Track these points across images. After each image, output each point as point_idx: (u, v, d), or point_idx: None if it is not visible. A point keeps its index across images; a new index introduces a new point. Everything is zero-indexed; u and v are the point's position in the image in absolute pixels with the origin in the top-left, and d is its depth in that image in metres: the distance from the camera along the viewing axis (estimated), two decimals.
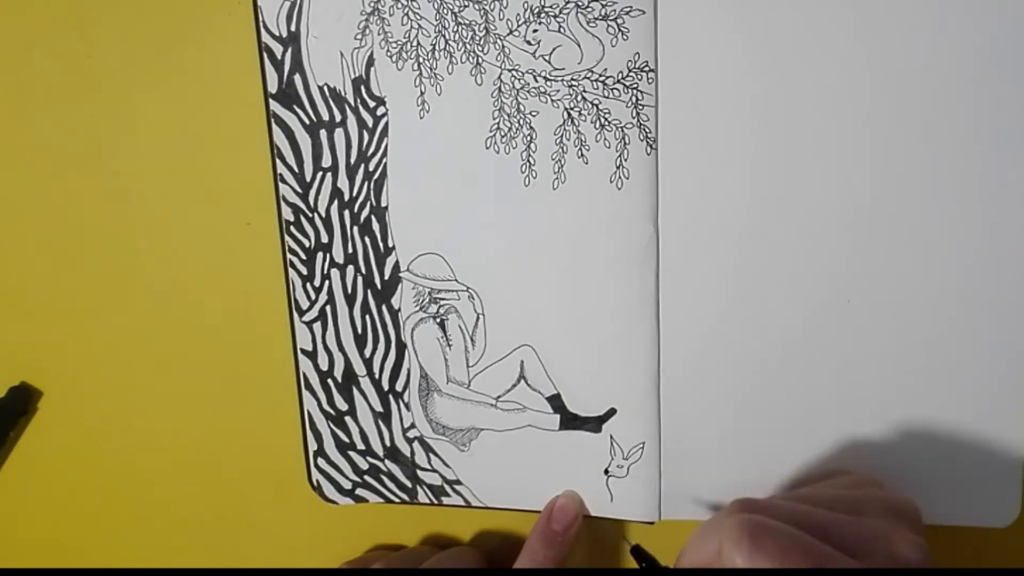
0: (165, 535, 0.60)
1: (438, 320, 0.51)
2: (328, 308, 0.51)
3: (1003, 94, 0.43)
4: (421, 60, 0.47)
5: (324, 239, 0.50)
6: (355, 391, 0.53)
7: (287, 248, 0.51)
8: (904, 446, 0.48)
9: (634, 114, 0.46)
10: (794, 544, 0.39)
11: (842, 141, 0.44)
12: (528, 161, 0.47)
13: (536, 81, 0.46)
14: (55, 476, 0.59)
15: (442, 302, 0.50)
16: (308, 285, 0.51)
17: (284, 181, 0.50)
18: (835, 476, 0.48)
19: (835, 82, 0.44)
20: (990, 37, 0.42)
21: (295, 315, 0.52)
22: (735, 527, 0.40)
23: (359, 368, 0.52)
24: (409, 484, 0.54)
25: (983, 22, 0.42)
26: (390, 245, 0.50)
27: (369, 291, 0.51)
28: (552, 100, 0.46)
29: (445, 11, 0.46)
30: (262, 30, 0.47)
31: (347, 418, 0.53)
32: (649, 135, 0.46)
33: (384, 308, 0.51)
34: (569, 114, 0.46)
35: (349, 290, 0.51)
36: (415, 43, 0.46)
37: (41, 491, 0.60)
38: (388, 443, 0.53)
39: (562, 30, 0.45)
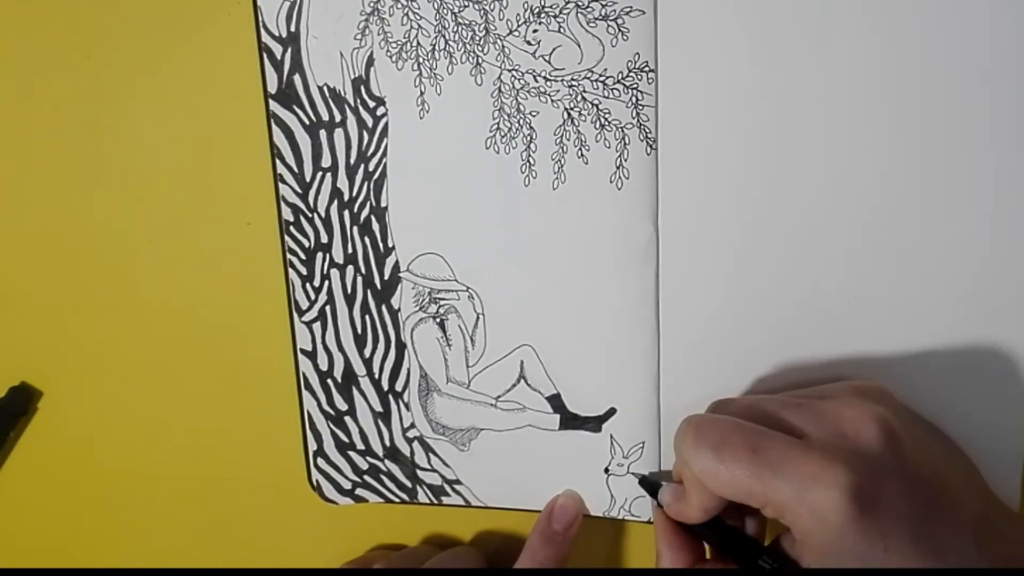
0: (165, 535, 0.60)
1: (438, 320, 0.51)
2: (328, 308, 0.51)
3: (1008, 93, 0.43)
4: (421, 60, 0.47)
5: (324, 239, 0.50)
6: (355, 391, 0.53)
7: (287, 248, 0.51)
8: None
9: (634, 114, 0.46)
10: (733, 430, 0.41)
11: (843, 141, 0.44)
12: (528, 161, 0.47)
13: (536, 81, 0.46)
14: (55, 476, 0.59)
15: (442, 302, 0.50)
16: (308, 285, 0.51)
17: (284, 181, 0.50)
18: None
19: (836, 82, 0.44)
20: (994, 36, 0.42)
21: (295, 315, 0.52)
22: (685, 425, 0.42)
23: (359, 368, 0.52)
24: (409, 484, 0.54)
25: (991, 22, 0.42)
26: (390, 245, 0.50)
27: (369, 291, 0.51)
28: (552, 100, 0.46)
29: (445, 11, 0.46)
30: (261, 30, 0.47)
31: (347, 418, 0.53)
32: (649, 135, 0.46)
33: (384, 308, 0.51)
34: (569, 114, 0.46)
35: (349, 290, 0.51)
36: (415, 43, 0.46)
37: (41, 491, 0.60)
38: (388, 443, 0.53)
39: (562, 30, 0.45)
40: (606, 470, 0.51)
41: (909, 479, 0.39)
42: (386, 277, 0.51)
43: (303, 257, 0.51)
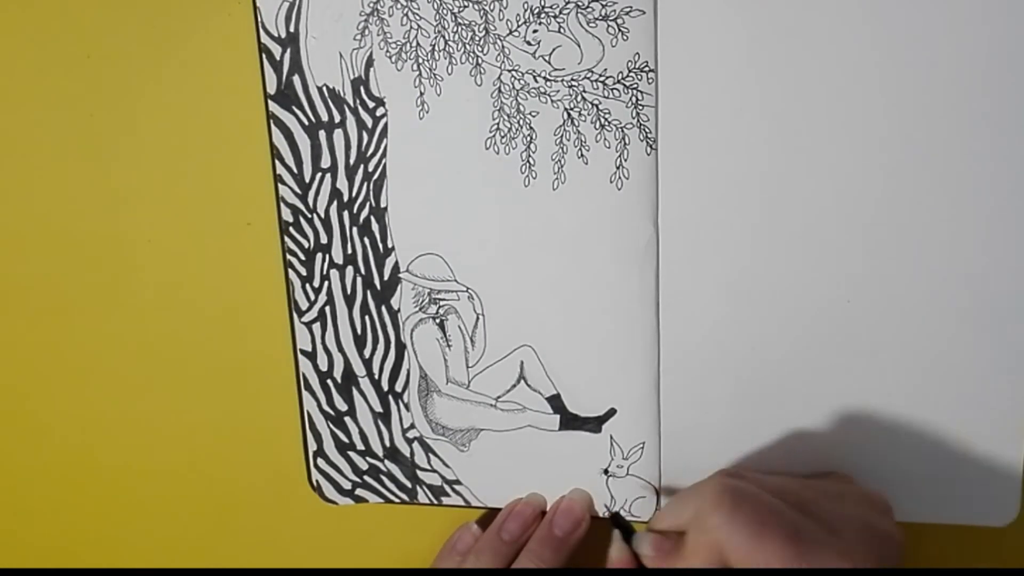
0: (165, 535, 0.60)
1: (438, 321, 0.51)
2: (327, 309, 0.51)
3: (1007, 94, 0.43)
4: (420, 61, 0.46)
5: (323, 240, 0.50)
6: (355, 391, 0.53)
7: (286, 249, 0.51)
8: (904, 446, 0.48)
9: (634, 114, 0.45)
10: (772, 512, 0.40)
11: (842, 141, 0.44)
12: (528, 162, 0.47)
13: (536, 81, 0.46)
14: (55, 476, 0.59)
15: (442, 302, 0.50)
16: (307, 286, 0.51)
17: (283, 182, 0.49)
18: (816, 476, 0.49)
19: (835, 82, 0.44)
20: (995, 37, 0.42)
21: (295, 316, 0.52)
22: (716, 490, 0.41)
23: (359, 369, 0.52)
24: (409, 484, 0.54)
25: (988, 22, 0.42)
26: (389, 246, 0.50)
27: (368, 292, 0.51)
28: (552, 100, 0.46)
29: (445, 11, 0.46)
30: (260, 31, 0.47)
31: (347, 418, 0.53)
32: (649, 135, 0.46)
33: (383, 309, 0.51)
34: (569, 114, 0.46)
35: (348, 291, 0.51)
36: (414, 43, 0.46)
37: (41, 491, 0.60)
38: (388, 443, 0.53)
39: (562, 30, 0.45)
40: (606, 471, 0.51)
41: None
42: (386, 278, 0.50)
43: (303, 258, 0.51)
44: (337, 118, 0.48)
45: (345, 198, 0.49)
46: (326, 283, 0.51)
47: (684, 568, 0.44)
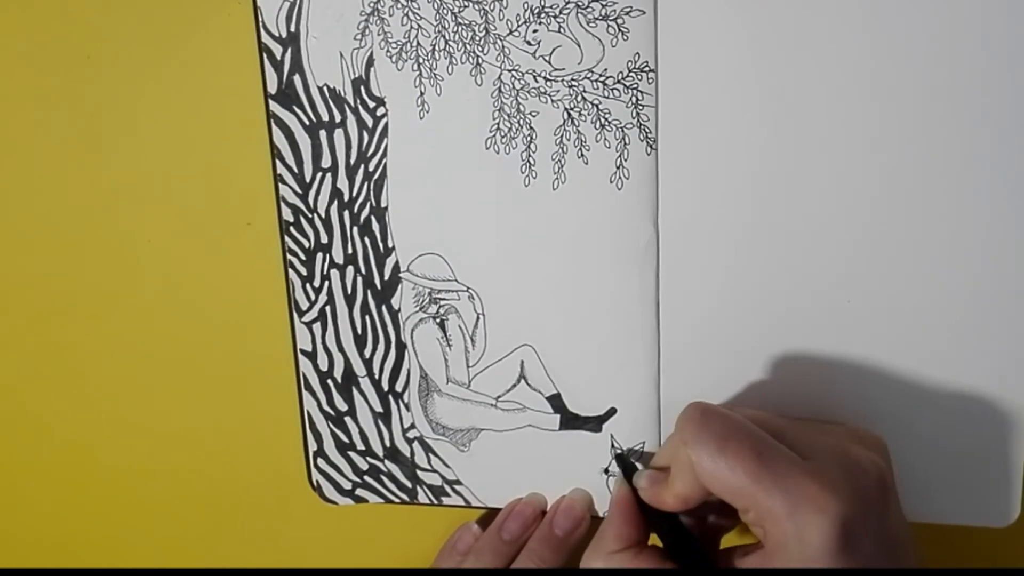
0: (165, 535, 0.60)
1: (438, 320, 0.51)
2: (328, 309, 0.51)
3: (1008, 94, 0.43)
4: (421, 60, 0.47)
5: (324, 239, 0.50)
6: (355, 391, 0.53)
7: (287, 249, 0.51)
8: (904, 446, 0.48)
9: (634, 114, 0.46)
10: (738, 427, 0.41)
11: (842, 140, 0.44)
12: (528, 161, 0.47)
13: (536, 81, 0.46)
14: (55, 476, 0.59)
15: (442, 302, 0.50)
16: (308, 286, 0.51)
17: (284, 182, 0.49)
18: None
19: (836, 82, 0.44)
20: (995, 37, 0.42)
21: (295, 316, 0.52)
22: (689, 409, 0.42)
23: (359, 368, 0.52)
24: (409, 484, 0.54)
25: (988, 22, 0.42)
26: (390, 245, 0.50)
27: (369, 291, 0.51)
28: (552, 100, 0.46)
29: (445, 11, 0.46)
30: (261, 31, 0.47)
31: (347, 418, 0.53)
32: (649, 135, 0.46)
33: (384, 308, 0.51)
34: (569, 114, 0.46)
35: (349, 290, 0.51)
36: (415, 43, 0.46)
37: (41, 491, 0.60)
38: (388, 443, 0.53)
39: (562, 30, 0.45)
40: (606, 471, 0.51)
41: (886, 534, 0.40)
42: (386, 277, 0.50)
43: (303, 258, 0.51)
44: (338, 118, 0.48)
45: (345, 198, 0.49)
46: (326, 283, 0.51)
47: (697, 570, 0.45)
